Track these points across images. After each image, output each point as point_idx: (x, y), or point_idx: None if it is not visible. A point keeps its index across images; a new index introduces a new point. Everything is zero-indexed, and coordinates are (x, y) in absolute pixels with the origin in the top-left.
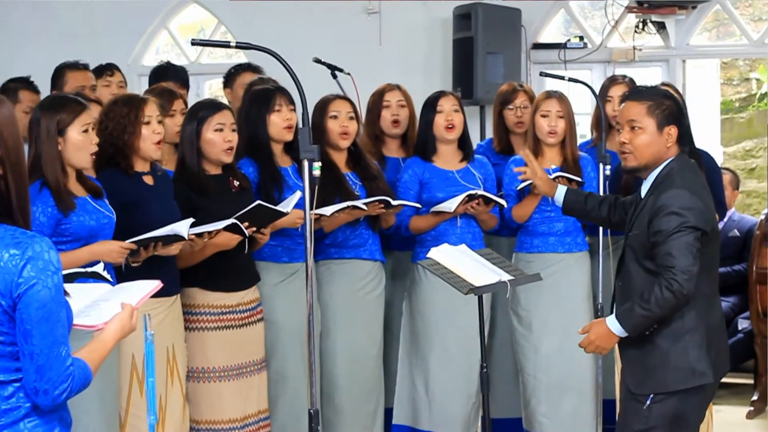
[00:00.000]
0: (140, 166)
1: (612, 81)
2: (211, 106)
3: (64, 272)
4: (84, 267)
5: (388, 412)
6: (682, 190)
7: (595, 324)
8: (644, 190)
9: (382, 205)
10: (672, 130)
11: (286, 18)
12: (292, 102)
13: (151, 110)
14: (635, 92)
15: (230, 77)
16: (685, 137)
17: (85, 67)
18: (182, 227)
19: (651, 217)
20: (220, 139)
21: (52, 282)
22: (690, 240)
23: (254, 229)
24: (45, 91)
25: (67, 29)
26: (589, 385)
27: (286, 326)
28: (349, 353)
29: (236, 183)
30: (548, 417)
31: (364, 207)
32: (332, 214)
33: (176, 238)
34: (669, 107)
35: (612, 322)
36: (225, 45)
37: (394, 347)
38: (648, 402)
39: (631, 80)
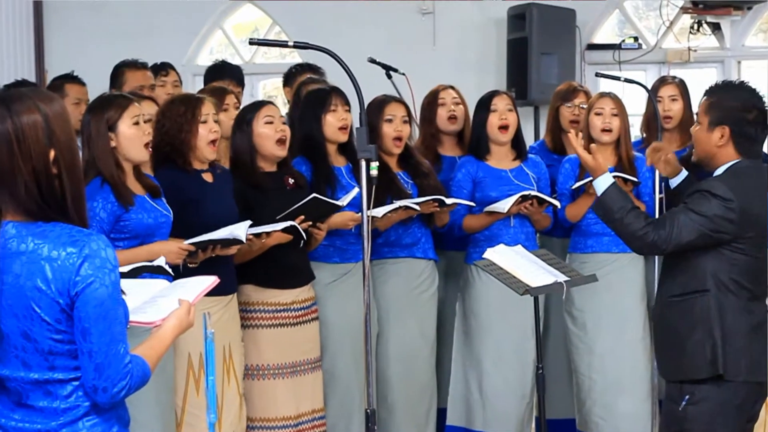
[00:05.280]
0: (198, 164)
1: (662, 81)
2: (254, 105)
3: (130, 267)
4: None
5: (442, 413)
6: (723, 184)
7: (602, 160)
8: None
9: (436, 204)
10: (724, 131)
11: (340, 18)
12: (347, 102)
13: (208, 109)
14: (711, 87)
15: (290, 76)
16: (744, 142)
17: (144, 66)
18: (241, 230)
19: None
20: (271, 131)
21: (109, 280)
22: (703, 224)
23: (309, 223)
24: (102, 89)
25: (122, 28)
26: (645, 386)
27: (336, 326)
28: (402, 353)
29: (291, 180)
30: (603, 418)
31: (417, 207)
32: (384, 215)
33: (235, 241)
34: (730, 108)
35: (606, 177)
36: (283, 45)
37: (447, 347)
38: (683, 404)
39: (681, 81)
